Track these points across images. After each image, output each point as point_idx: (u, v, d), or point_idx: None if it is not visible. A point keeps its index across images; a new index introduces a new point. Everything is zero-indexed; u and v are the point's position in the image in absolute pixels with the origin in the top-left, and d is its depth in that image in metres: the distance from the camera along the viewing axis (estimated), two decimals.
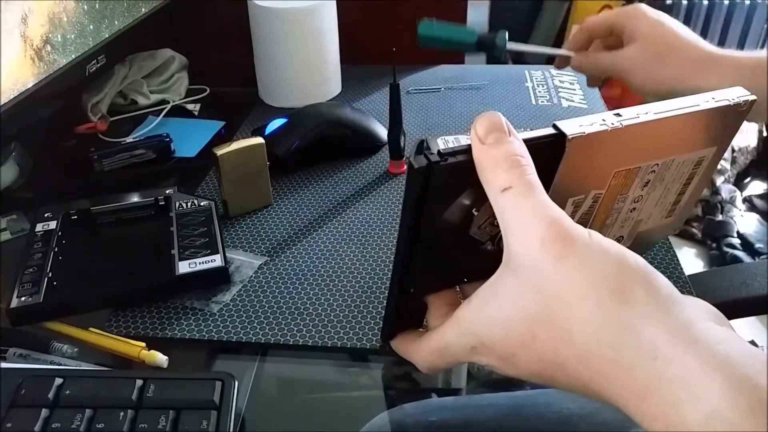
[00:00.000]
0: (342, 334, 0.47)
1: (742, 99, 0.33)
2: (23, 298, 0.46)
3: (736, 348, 0.23)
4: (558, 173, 0.30)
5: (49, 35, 0.59)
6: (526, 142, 0.28)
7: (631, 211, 0.36)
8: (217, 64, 0.90)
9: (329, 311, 0.49)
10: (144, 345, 0.45)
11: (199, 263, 0.50)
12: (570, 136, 0.29)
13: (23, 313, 0.46)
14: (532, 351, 0.27)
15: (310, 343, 0.46)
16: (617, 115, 0.31)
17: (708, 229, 1.69)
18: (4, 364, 0.41)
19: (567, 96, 0.86)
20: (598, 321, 0.25)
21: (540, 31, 1.84)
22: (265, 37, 0.80)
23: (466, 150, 0.28)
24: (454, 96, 0.86)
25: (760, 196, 1.80)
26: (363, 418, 0.43)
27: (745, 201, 1.79)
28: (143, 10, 0.76)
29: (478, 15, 1.28)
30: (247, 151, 0.58)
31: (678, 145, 0.34)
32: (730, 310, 0.28)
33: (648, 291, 0.25)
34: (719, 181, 1.77)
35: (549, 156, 0.30)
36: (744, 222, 1.71)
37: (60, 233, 0.54)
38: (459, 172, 0.28)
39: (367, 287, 0.51)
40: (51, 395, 0.37)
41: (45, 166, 0.71)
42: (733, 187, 1.78)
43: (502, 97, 0.86)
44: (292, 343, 0.46)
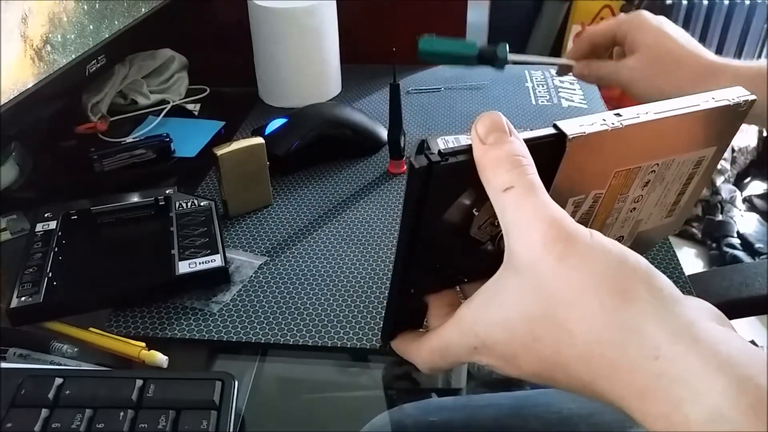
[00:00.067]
0: (342, 334, 0.47)
1: (742, 99, 0.33)
2: (23, 298, 0.46)
3: (737, 348, 0.23)
4: (558, 173, 0.30)
5: (49, 35, 0.59)
6: (526, 142, 0.28)
7: (631, 211, 0.36)
8: (217, 64, 0.90)
9: (329, 311, 0.49)
10: (144, 345, 0.45)
11: (199, 263, 0.50)
12: (570, 136, 0.29)
13: (23, 313, 0.46)
14: (533, 351, 0.27)
15: (310, 343, 0.46)
16: (617, 115, 0.31)
17: (708, 229, 1.69)
18: (4, 364, 0.41)
19: (567, 96, 0.86)
20: (599, 321, 0.25)
21: (540, 31, 1.84)
22: (265, 37, 0.80)
23: (467, 150, 0.28)
24: (454, 96, 0.86)
25: (760, 196, 1.80)
26: (363, 418, 0.43)
27: (745, 201, 1.79)
28: (143, 10, 0.76)
29: (478, 15, 1.28)
30: (247, 151, 0.58)
31: (678, 144, 0.34)
32: (730, 310, 0.28)
33: (649, 291, 0.25)
34: (719, 181, 1.77)
35: (549, 156, 0.30)
36: (744, 222, 1.71)
37: (60, 233, 0.54)
38: (459, 172, 0.28)
39: (367, 287, 0.51)
40: (51, 395, 0.37)
41: (45, 166, 0.71)
42: (733, 187, 1.78)
43: (502, 97, 0.86)
44: (292, 343, 0.46)
